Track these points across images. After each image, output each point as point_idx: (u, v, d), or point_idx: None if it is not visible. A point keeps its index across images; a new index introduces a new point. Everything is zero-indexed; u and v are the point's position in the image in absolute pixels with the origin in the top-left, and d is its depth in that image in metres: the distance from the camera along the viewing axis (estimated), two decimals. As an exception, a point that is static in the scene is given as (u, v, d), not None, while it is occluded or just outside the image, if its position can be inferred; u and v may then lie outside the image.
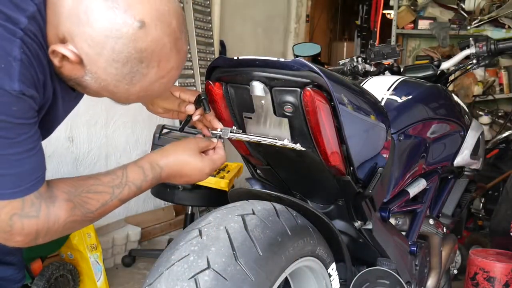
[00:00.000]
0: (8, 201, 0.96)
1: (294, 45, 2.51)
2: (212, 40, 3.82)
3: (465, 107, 2.09)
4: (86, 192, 1.06)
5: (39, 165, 1.01)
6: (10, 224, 0.96)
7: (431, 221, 1.88)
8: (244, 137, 1.26)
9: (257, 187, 1.45)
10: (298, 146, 1.19)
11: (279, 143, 1.20)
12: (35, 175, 0.99)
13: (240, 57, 1.22)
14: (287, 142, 1.19)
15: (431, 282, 1.74)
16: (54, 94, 1.06)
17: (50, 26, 0.98)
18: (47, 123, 1.10)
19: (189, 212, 2.92)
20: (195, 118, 1.29)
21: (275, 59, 1.19)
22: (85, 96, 1.44)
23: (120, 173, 1.11)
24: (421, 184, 1.75)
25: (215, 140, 1.26)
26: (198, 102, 1.27)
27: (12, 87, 0.92)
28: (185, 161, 1.19)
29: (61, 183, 1.04)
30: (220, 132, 1.26)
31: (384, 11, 5.81)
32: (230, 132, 1.26)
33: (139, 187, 1.12)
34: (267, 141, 1.22)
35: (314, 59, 5.78)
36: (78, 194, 1.05)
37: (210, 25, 3.81)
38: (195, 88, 3.57)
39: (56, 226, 1.01)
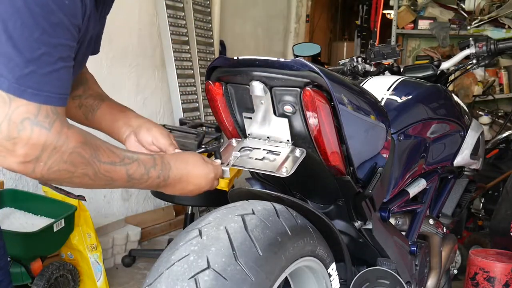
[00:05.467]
0: (25, 101, 0.93)
1: (294, 45, 2.51)
2: (212, 40, 3.82)
3: (465, 107, 2.09)
4: (100, 143, 1.05)
5: (65, 83, 0.99)
6: (19, 129, 0.93)
7: (431, 221, 1.88)
8: (242, 168, 1.28)
9: (257, 187, 1.45)
10: (292, 170, 1.20)
11: (277, 174, 1.20)
12: (58, 89, 0.97)
13: (240, 57, 1.22)
14: (285, 173, 1.20)
15: (431, 282, 1.74)
16: (89, 21, 1.07)
17: None
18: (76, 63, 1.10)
19: (189, 212, 2.92)
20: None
21: (275, 59, 1.19)
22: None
23: (132, 151, 1.13)
24: (421, 184, 1.75)
25: (218, 161, 1.28)
26: (209, 145, 1.31)
27: None
28: (193, 163, 1.20)
29: (79, 128, 1.04)
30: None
31: (384, 11, 5.81)
32: (228, 165, 1.27)
33: (147, 171, 1.11)
34: (264, 171, 1.23)
35: (314, 59, 5.78)
36: (93, 139, 1.04)
37: (210, 25, 3.82)
38: (195, 89, 3.57)
39: (64, 149, 0.97)
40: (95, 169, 1.03)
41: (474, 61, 2.09)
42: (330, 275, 1.28)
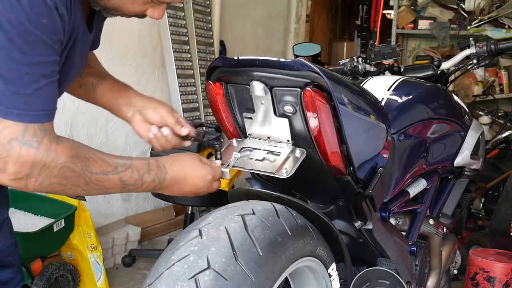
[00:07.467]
0: (12, 122, 0.95)
1: (294, 45, 2.51)
2: (212, 40, 3.82)
3: (465, 107, 2.09)
4: (91, 154, 1.06)
5: (50, 99, 1.01)
6: (8, 149, 0.95)
7: (431, 221, 1.88)
8: (242, 169, 1.27)
9: (257, 187, 1.45)
10: (292, 171, 1.20)
11: (276, 175, 1.21)
12: (44, 106, 0.99)
13: (240, 57, 1.22)
14: (285, 174, 1.20)
15: (431, 282, 1.74)
16: (73, 33, 1.08)
17: None
18: (65, 71, 1.12)
19: (189, 212, 2.92)
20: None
21: (275, 59, 1.19)
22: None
23: (126, 158, 1.13)
24: (421, 184, 1.75)
25: (218, 162, 1.28)
26: (205, 142, 1.34)
27: None
28: (189, 165, 1.20)
29: (70, 139, 1.05)
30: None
31: (384, 11, 5.81)
32: (228, 166, 1.27)
33: (141, 176, 1.12)
34: (264, 172, 1.23)
35: (314, 59, 5.78)
36: (84, 151, 1.05)
37: (210, 25, 3.81)
38: (195, 89, 3.57)
39: (53, 165, 0.99)
40: (86, 180, 1.04)
41: (475, 61, 2.08)
42: (330, 275, 1.28)
